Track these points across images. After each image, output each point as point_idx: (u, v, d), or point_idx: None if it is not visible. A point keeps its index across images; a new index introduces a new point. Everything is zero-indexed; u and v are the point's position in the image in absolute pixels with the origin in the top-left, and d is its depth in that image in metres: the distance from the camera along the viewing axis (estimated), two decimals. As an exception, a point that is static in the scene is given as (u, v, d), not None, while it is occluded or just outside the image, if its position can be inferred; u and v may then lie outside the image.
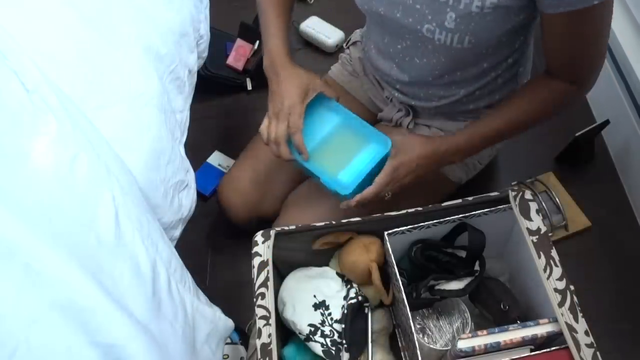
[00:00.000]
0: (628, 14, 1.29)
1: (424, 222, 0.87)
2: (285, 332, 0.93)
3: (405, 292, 0.83)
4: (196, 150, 1.16)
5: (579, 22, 0.76)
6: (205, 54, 1.21)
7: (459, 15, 0.79)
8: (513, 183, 1.25)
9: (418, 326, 0.94)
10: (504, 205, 0.87)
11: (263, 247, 0.87)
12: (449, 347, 0.84)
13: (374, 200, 0.92)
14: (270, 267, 0.85)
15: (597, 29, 0.78)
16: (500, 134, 0.93)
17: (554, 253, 0.81)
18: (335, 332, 0.87)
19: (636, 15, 1.26)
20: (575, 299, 0.77)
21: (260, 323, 0.81)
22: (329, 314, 0.88)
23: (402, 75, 0.98)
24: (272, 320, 0.81)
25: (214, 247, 1.30)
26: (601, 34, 0.80)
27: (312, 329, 0.86)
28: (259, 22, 1.02)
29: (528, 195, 0.86)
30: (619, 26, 1.29)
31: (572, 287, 0.78)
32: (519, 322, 0.82)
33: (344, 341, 0.86)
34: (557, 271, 0.79)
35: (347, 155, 0.94)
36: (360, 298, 0.91)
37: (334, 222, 0.89)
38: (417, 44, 0.89)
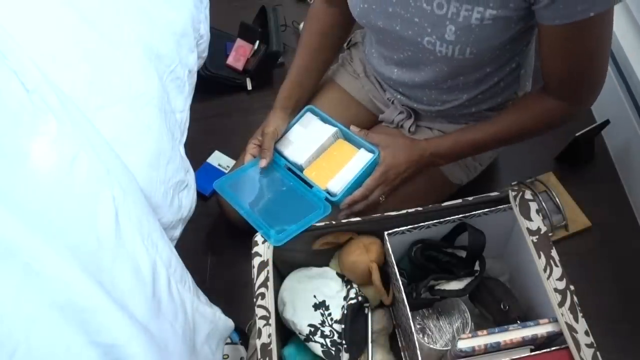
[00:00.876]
0: (629, 14, 1.29)
1: (424, 222, 0.87)
2: (285, 332, 0.93)
3: (405, 292, 0.83)
4: (196, 150, 1.16)
5: (575, 36, 0.75)
6: (205, 54, 1.21)
7: (458, 28, 0.79)
8: (513, 183, 1.25)
9: (418, 326, 0.94)
10: (504, 205, 0.87)
11: (263, 247, 0.87)
12: (449, 347, 0.84)
13: (370, 205, 0.93)
14: (270, 267, 0.85)
15: (595, 44, 0.77)
16: (486, 145, 0.95)
17: (554, 253, 0.81)
18: (335, 333, 0.87)
19: (637, 16, 1.26)
20: (575, 299, 0.77)
21: (260, 323, 0.81)
22: (329, 314, 0.88)
23: (405, 80, 0.98)
24: (272, 320, 0.81)
25: (214, 247, 1.30)
26: (599, 50, 0.78)
27: (312, 329, 0.86)
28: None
29: (528, 195, 0.86)
30: (620, 27, 1.29)
31: (572, 287, 0.78)
32: (519, 322, 0.82)
33: (343, 341, 0.86)
34: (557, 271, 0.79)
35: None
36: (360, 298, 0.91)
37: (334, 222, 0.89)
38: (418, 55, 0.89)
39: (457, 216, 0.87)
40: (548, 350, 0.76)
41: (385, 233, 0.87)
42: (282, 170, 1.00)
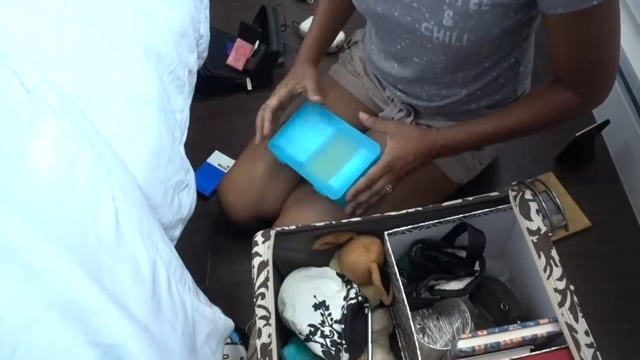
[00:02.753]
0: (628, 14, 1.29)
1: (424, 222, 0.87)
2: (285, 332, 0.93)
3: (405, 292, 0.83)
4: (196, 150, 1.16)
5: (580, 25, 0.75)
6: (205, 54, 1.21)
7: (456, 13, 0.79)
8: (513, 183, 1.25)
9: (418, 326, 0.94)
10: (504, 205, 0.87)
11: (263, 247, 0.87)
12: (449, 347, 0.84)
13: (375, 194, 0.93)
14: (270, 267, 0.85)
15: (602, 35, 0.76)
16: (498, 136, 0.94)
17: (554, 253, 0.81)
18: (335, 333, 0.87)
19: (636, 15, 1.26)
20: (575, 299, 0.77)
21: (260, 323, 0.81)
22: (329, 314, 0.88)
23: (404, 75, 0.98)
24: (272, 321, 0.81)
25: (214, 247, 1.30)
26: (607, 41, 0.77)
27: (312, 329, 0.86)
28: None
29: (528, 195, 0.86)
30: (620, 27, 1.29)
31: (572, 287, 0.78)
32: (519, 322, 0.82)
33: (343, 341, 0.86)
34: (557, 271, 0.79)
35: (338, 162, 0.96)
36: (360, 298, 0.91)
37: (334, 222, 0.89)
38: (416, 43, 0.89)
39: (457, 216, 0.87)
40: (548, 350, 0.76)
41: (385, 233, 0.87)
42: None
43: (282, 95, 1.04)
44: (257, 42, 1.56)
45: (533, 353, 0.77)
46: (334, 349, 0.86)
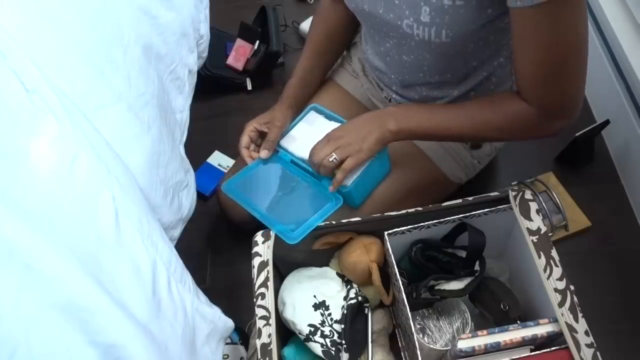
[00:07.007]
0: (628, 14, 1.29)
1: (424, 222, 0.87)
2: (285, 332, 0.93)
3: (405, 292, 0.83)
4: (196, 150, 1.16)
5: (544, 24, 0.70)
6: (205, 54, 1.21)
7: (432, 9, 0.78)
8: (513, 183, 1.25)
9: (418, 326, 0.94)
10: (504, 205, 0.87)
11: (263, 247, 0.87)
12: (449, 347, 0.84)
13: (324, 166, 0.89)
14: (270, 267, 0.85)
15: (563, 34, 0.71)
16: (452, 129, 0.87)
17: (554, 253, 0.81)
18: (335, 333, 0.87)
19: (636, 15, 1.26)
20: (575, 299, 0.77)
21: (260, 323, 0.81)
22: (329, 314, 0.88)
23: (396, 75, 0.98)
24: (272, 321, 0.81)
25: (214, 247, 1.31)
26: (568, 42, 0.72)
27: (312, 329, 0.86)
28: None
29: (528, 195, 0.86)
30: (619, 26, 1.29)
31: (572, 287, 0.78)
32: (519, 322, 0.82)
33: (343, 341, 0.86)
34: (557, 271, 0.79)
35: (299, 213, 0.92)
36: (360, 298, 0.91)
37: (334, 222, 0.89)
38: (401, 41, 0.89)
39: (457, 216, 0.87)
40: (548, 350, 0.77)
41: (385, 233, 0.87)
42: (290, 166, 1.00)
43: (251, 131, 1.03)
44: (257, 42, 1.56)
45: (533, 353, 0.77)
46: (334, 349, 0.86)
